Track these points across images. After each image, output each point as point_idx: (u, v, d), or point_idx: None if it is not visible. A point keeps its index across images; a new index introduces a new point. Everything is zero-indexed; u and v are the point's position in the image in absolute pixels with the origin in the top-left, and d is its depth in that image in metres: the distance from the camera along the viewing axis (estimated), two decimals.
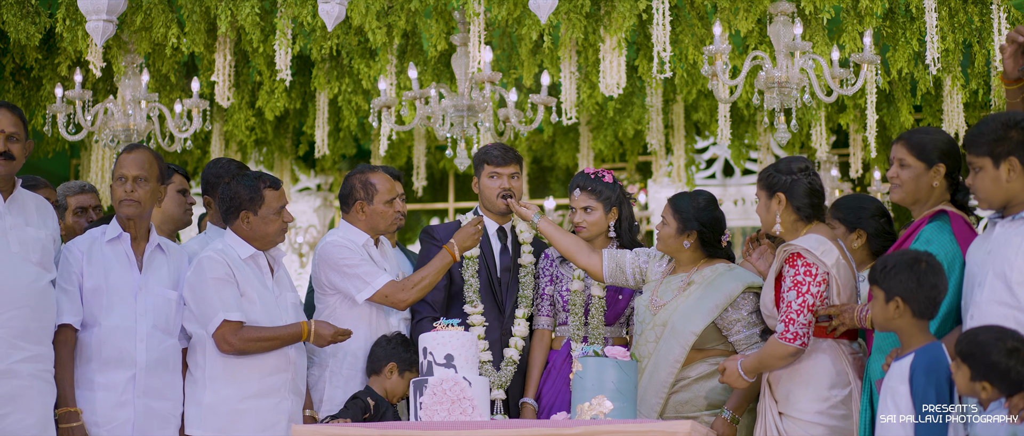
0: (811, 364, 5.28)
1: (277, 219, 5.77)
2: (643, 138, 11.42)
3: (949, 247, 4.84)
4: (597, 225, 6.18)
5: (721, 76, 7.07)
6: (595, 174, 6.22)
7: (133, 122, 8.54)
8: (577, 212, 6.19)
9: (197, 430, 5.61)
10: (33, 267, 5.38)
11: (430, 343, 5.44)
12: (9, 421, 5.24)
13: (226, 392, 5.61)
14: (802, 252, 5.22)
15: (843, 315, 5.18)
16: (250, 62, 9.82)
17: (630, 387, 5.25)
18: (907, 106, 9.91)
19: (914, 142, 5.12)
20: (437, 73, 9.49)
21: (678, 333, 5.67)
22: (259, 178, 5.78)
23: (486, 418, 5.38)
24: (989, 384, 4.26)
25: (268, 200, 5.75)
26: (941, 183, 5.06)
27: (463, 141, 8.14)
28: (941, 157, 5.05)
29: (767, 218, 5.42)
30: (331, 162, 12.88)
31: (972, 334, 4.34)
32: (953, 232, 4.92)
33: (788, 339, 5.22)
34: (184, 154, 11.61)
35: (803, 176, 5.37)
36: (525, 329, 6.30)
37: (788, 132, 7.36)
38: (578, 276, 6.23)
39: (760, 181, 5.45)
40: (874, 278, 4.65)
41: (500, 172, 6.34)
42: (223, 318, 5.56)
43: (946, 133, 5.21)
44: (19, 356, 5.28)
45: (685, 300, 5.71)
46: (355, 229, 6.14)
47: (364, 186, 6.14)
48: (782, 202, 5.36)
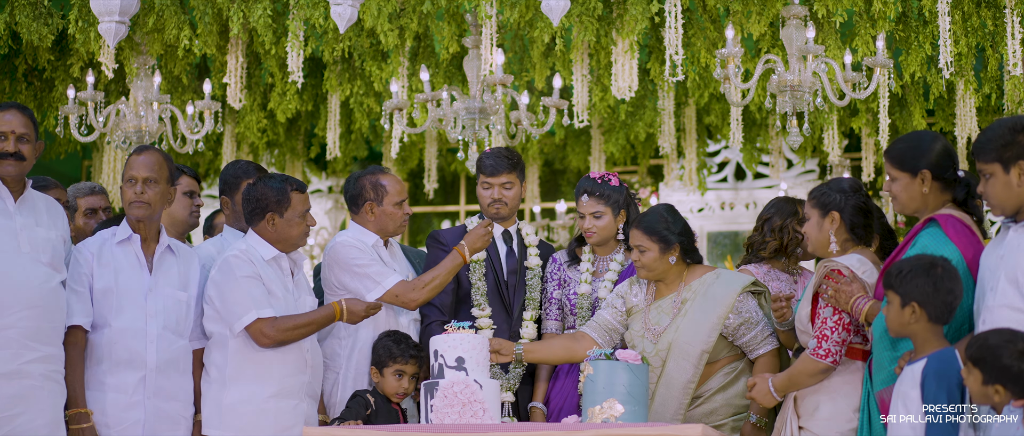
0: (840, 383, 5.24)
1: (302, 222, 5.80)
2: (655, 141, 11.40)
3: (947, 252, 4.79)
4: (607, 229, 6.16)
5: (733, 79, 7.05)
6: (601, 178, 6.18)
7: (145, 124, 8.55)
8: (586, 218, 6.15)
9: (215, 430, 5.61)
10: (44, 268, 5.38)
11: (441, 345, 5.43)
12: (20, 422, 5.24)
13: (246, 392, 5.61)
14: (843, 271, 5.18)
15: (840, 293, 5.10)
16: (262, 64, 9.82)
17: (641, 390, 5.24)
18: (920, 110, 9.88)
19: (894, 154, 5.08)
20: (449, 75, 9.49)
21: (687, 355, 5.64)
22: (286, 180, 5.80)
23: (497, 421, 5.37)
24: (1002, 387, 4.24)
25: (294, 203, 5.77)
26: (932, 188, 5.00)
27: (475, 144, 8.14)
28: (924, 164, 5.00)
29: (819, 238, 5.33)
30: (343, 164, 12.88)
31: (983, 338, 4.32)
32: (948, 236, 4.87)
33: (820, 356, 5.17)
34: (196, 156, 11.63)
35: (855, 195, 5.32)
36: (533, 331, 6.29)
37: (800, 136, 7.34)
38: (585, 280, 6.21)
39: (812, 200, 5.37)
40: (889, 283, 4.62)
41: (491, 182, 6.31)
42: (256, 315, 5.57)
43: (930, 136, 5.12)
44: (30, 356, 5.28)
45: (684, 320, 5.68)
46: (365, 230, 6.15)
47: (374, 187, 6.14)
48: (836, 221, 5.29)
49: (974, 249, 4.86)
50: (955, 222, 4.93)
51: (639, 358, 5.28)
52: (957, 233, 4.88)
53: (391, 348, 5.87)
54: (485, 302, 6.25)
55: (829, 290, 5.13)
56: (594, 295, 6.20)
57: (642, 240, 5.74)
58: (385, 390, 5.86)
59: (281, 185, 5.78)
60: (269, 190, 5.76)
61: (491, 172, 6.29)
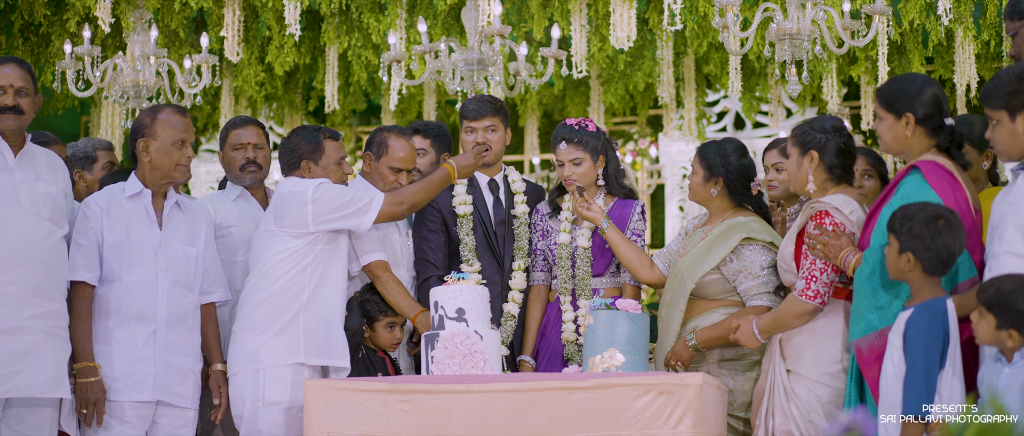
0: (826, 324, 5.25)
1: (338, 170, 5.91)
2: (654, 91, 11.38)
3: (929, 200, 4.76)
4: (586, 176, 6.14)
5: (732, 28, 7.03)
6: (578, 124, 6.15)
7: (142, 78, 8.52)
8: (565, 166, 6.13)
9: (259, 363, 5.62)
10: (45, 222, 5.37)
11: (441, 297, 5.43)
12: (22, 377, 5.24)
13: (282, 343, 5.63)
14: (830, 210, 5.17)
15: (829, 247, 5.09)
16: (259, 17, 9.79)
17: (642, 340, 5.26)
18: (919, 58, 9.86)
19: (883, 94, 5.07)
20: (447, 27, 9.46)
21: (682, 282, 5.70)
22: (319, 130, 5.92)
23: (498, 372, 5.39)
24: (1016, 332, 4.26)
25: (328, 151, 5.89)
26: (915, 131, 4.98)
27: (473, 95, 8.12)
28: (908, 106, 4.97)
29: (798, 176, 5.35)
30: (341, 117, 12.86)
31: (994, 284, 4.33)
32: (929, 184, 4.84)
33: (808, 297, 5.17)
34: (194, 110, 11.61)
35: (836, 136, 5.31)
36: (522, 281, 6.28)
37: (799, 84, 7.32)
38: (565, 229, 6.20)
39: (793, 138, 5.38)
40: (892, 226, 4.63)
41: (475, 126, 6.29)
42: (382, 196, 5.73)
43: (921, 81, 5.07)
44: (31, 312, 5.28)
45: (695, 252, 5.72)
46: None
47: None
48: (814, 160, 5.29)
49: (955, 196, 4.83)
50: (937, 169, 4.90)
51: (639, 307, 5.30)
52: (938, 180, 4.86)
53: (379, 302, 5.89)
54: (474, 257, 6.22)
55: (817, 245, 5.12)
56: (574, 244, 6.19)
57: (694, 162, 5.84)
58: (380, 343, 5.88)
59: (314, 135, 5.89)
60: (302, 140, 5.88)
61: (474, 116, 6.28)
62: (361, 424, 5.13)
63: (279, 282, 5.65)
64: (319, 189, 5.66)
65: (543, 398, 4.99)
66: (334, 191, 5.68)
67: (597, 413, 4.94)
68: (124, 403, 5.49)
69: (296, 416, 5.55)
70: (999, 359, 4.37)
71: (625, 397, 4.93)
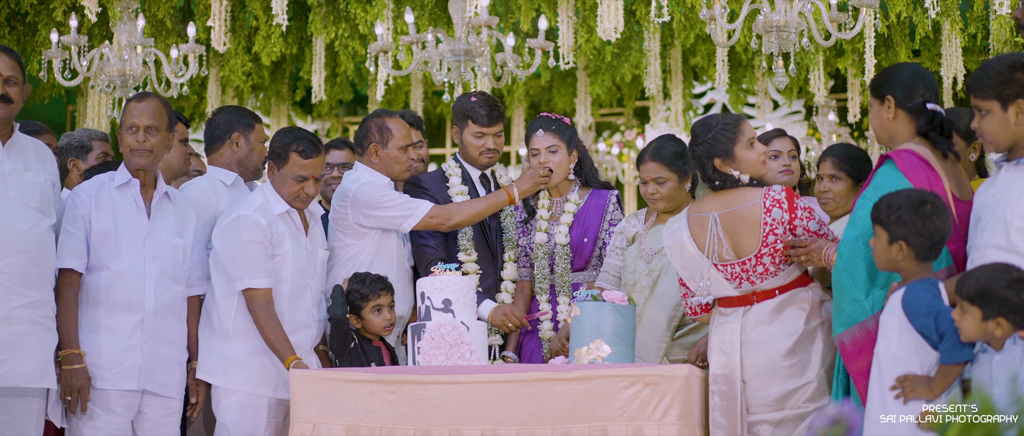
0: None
1: (404, 156, 6.21)
2: (641, 83, 11.39)
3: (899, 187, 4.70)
4: (563, 165, 6.25)
5: (719, 20, 7.03)
6: (554, 116, 6.30)
7: (129, 67, 8.50)
8: (541, 153, 6.22)
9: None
10: (32, 212, 5.35)
11: (428, 288, 5.45)
12: (8, 367, 5.22)
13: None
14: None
15: (811, 252, 5.08)
16: (246, 7, 9.78)
17: (628, 331, 5.26)
18: (905, 50, 9.89)
19: (872, 82, 5.06)
20: (434, 18, 9.46)
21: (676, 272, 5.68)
22: (387, 113, 6.31)
23: (484, 363, 5.40)
24: (1004, 319, 4.23)
25: (396, 136, 6.21)
26: (897, 115, 4.94)
27: (460, 86, 8.12)
28: (888, 88, 4.95)
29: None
30: (328, 107, 12.86)
31: (972, 277, 4.30)
32: (902, 173, 4.77)
33: None
34: (180, 100, 11.59)
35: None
36: (514, 272, 6.34)
37: (786, 76, 7.33)
38: (541, 227, 6.26)
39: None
40: (878, 217, 4.58)
41: (486, 132, 6.35)
42: (427, 207, 6.06)
43: (905, 66, 5.05)
44: (18, 302, 5.27)
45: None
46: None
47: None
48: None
49: (931, 185, 4.76)
50: (911, 157, 4.83)
51: (626, 298, 5.29)
52: (912, 169, 4.80)
53: (361, 289, 5.88)
54: (471, 247, 6.27)
55: (801, 256, 5.09)
56: (552, 242, 6.25)
57: (660, 171, 5.81)
58: (371, 329, 5.87)
59: (381, 119, 6.18)
60: (372, 124, 6.20)
61: (487, 123, 6.34)
62: (347, 415, 5.14)
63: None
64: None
65: (529, 389, 5.00)
66: None
67: (583, 404, 4.95)
68: (110, 392, 5.48)
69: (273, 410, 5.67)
70: (985, 349, 4.35)
71: (611, 388, 4.94)
